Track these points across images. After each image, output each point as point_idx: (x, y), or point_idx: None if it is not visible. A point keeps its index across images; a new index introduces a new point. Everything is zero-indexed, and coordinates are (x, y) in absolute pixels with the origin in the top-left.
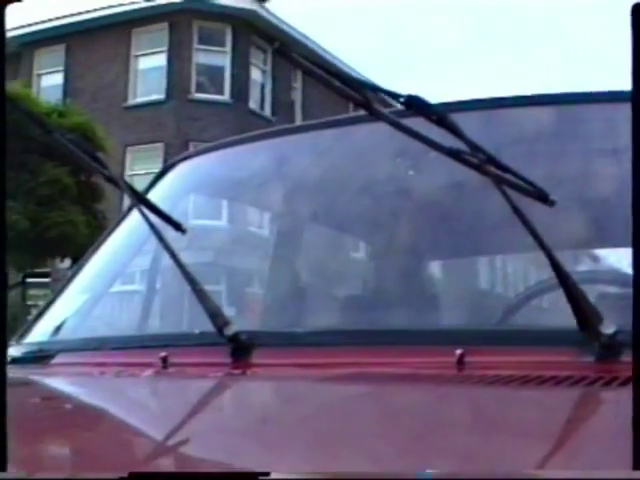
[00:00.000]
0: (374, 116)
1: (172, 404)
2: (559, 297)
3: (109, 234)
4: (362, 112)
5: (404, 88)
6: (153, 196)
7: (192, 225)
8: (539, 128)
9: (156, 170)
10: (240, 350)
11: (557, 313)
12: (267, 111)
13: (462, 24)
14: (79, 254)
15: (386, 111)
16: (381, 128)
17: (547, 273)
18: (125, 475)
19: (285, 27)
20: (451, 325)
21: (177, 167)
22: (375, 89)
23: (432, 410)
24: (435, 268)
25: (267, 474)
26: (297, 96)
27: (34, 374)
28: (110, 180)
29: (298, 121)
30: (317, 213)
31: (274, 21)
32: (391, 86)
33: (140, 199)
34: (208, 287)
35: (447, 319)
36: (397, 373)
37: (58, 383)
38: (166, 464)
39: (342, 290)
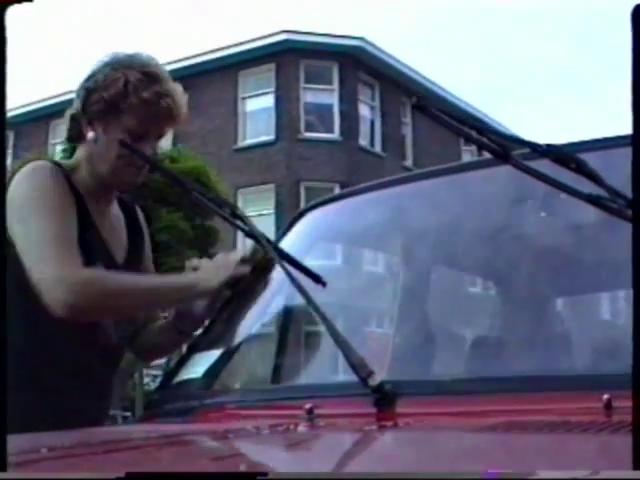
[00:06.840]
0: (514, 167)
1: (327, 458)
2: None
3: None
4: (483, 157)
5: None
6: (285, 245)
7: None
8: None
9: (267, 212)
10: (385, 400)
11: None
12: (377, 147)
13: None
14: None
15: (520, 158)
16: (501, 172)
17: None
18: (122, 475)
19: (391, 61)
20: (597, 369)
21: (306, 216)
22: (512, 139)
23: (597, 461)
24: (571, 308)
25: (265, 474)
26: (407, 131)
27: (184, 428)
28: (250, 236)
29: (409, 156)
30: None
31: (380, 56)
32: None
33: (282, 255)
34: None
35: (589, 362)
36: (549, 421)
37: (213, 439)
38: None
39: (480, 335)
